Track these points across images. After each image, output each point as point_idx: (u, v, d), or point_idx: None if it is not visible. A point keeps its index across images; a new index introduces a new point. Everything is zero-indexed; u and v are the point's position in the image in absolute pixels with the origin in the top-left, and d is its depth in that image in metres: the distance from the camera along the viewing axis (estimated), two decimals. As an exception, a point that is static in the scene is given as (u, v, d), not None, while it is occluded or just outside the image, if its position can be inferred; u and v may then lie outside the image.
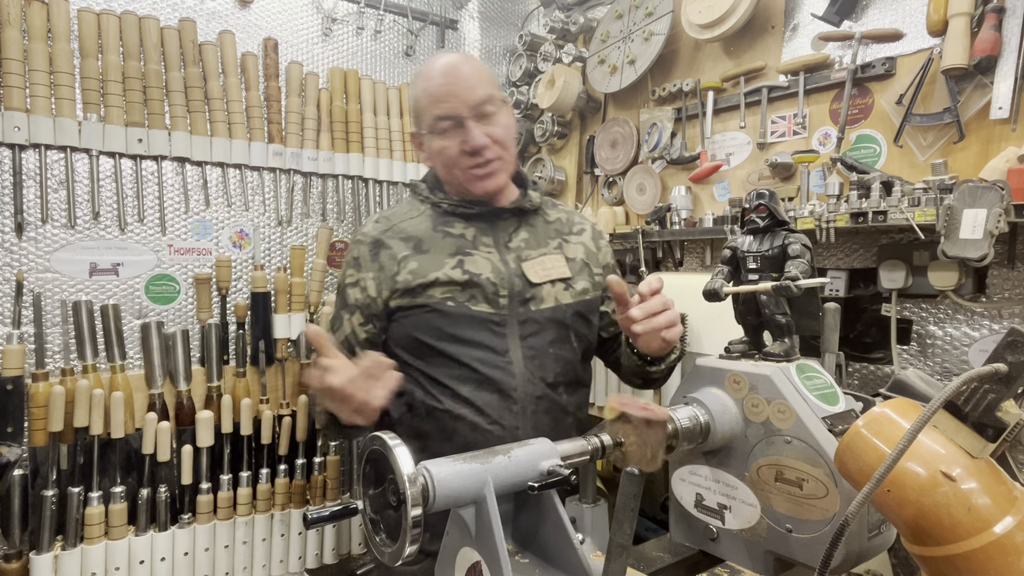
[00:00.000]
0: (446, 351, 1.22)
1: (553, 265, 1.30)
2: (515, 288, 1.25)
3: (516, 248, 1.30)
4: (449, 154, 1.23)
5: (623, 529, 0.70)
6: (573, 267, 1.33)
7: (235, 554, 1.92)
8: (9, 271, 1.68)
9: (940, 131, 1.52)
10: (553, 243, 1.34)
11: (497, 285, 1.23)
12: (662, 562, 1.06)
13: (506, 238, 1.30)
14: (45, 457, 1.66)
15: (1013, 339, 0.59)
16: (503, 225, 1.32)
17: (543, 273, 1.28)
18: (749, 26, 1.89)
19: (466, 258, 1.25)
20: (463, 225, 1.29)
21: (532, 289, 1.26)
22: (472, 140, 1.20)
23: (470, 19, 2.58)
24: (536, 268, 1.28)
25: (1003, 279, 1.44)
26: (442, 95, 1.20)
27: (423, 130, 1.27)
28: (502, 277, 1.24)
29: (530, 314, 1.25)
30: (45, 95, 1.68)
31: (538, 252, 1.31)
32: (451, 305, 1.22)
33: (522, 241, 1.31)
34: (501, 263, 1.26)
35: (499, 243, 1.29)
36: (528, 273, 1.26)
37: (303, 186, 2.13)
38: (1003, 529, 0.57)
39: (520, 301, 1.25)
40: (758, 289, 1.02)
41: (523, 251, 1.30)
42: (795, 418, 0.91)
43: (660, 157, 2.14)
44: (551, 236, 1.36)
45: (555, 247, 1.34)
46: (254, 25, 2.05)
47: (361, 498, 0.78)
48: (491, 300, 1.23)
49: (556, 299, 1.28)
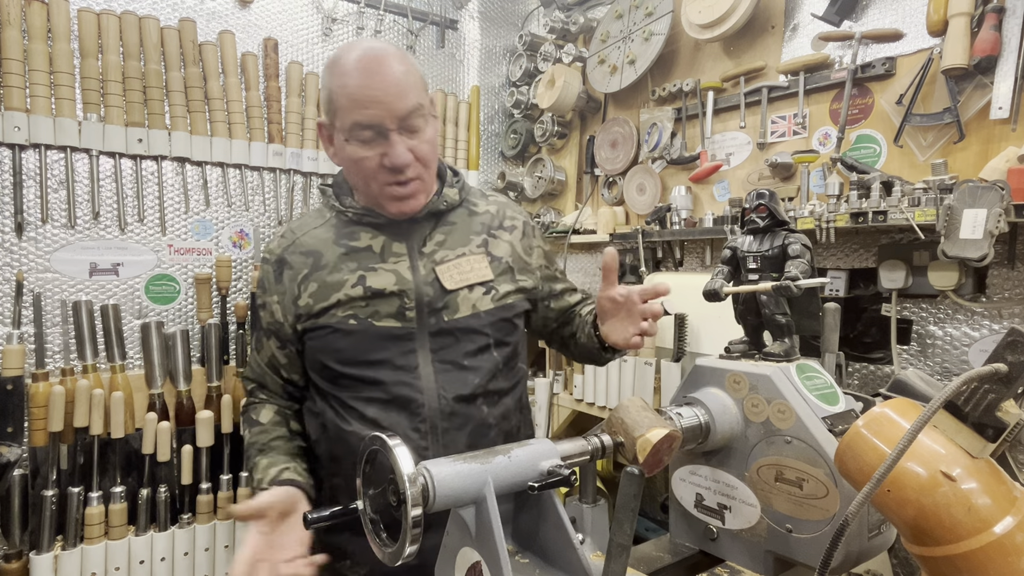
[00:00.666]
0: (351, 373, 1.14)
1: (472, 268, 1.18)
2: (425, 298, 1.14)
3: (430, 252, 1.18)
4: (367, 166, 1.10)
5: (623, 529, 0.70)
6: (496, 267, 1.21)
7: (235, 554, 1.92)
8: (9, 271, 1.68)
9: (940, 131, 1.52)
10: (476, 240, 1.22)
11: (402, 297, 1.13)
12: (662, 562, 1.06)
13: (420, 242, 1.18)
14: (45, 457, 1.66)
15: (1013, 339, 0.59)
16: (417, 229, 1.19)
17: (459, 277, 1.17)
18: (749, 26, 1.89)
19: (368, 273, 1.14)
20: (370, 235, 1.18)
21: (446, 297, 1.15)
22: (394, 158, 1.07)
23: (470, 19, 2.58)
24: (452, 272, 1.16)
25: (1003, 279, 1.44)
26: (365, 99, 1.05)
27: (337, 131, 1.12)
28: (409, 287, 1.14)
29: (442, 325, 1.14)
30: (45, 95, 1.68)
31: (456, 253, 1.19)
32: (353, 323, 1.12)
33: (437, 244, 1.19)
34: (409, 271, 1.15)
35: (412, 249, 1.18)
36: (443, 278, 1.15)
37: (303, 186, 2.13)
38: (1003, 529, 0.57)
39: (431, 311, 1.14)
40: (758, 289, 1.02)
41: (438, 253, 1.18)
42: (795, 418, 0.91)
43: (660, 157, 2.14)
44: (475, 231, 1.23)
45: (478, 244, 1.21)
46: (254, 25, 2.05)
47: (360, 498, 0.78)
48: (397, 314, 1.13)
49: (473, 306, 1.17)
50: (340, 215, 1.20)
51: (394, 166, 1.08)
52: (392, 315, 1.13)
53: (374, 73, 1.05)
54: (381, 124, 1.07)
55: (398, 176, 1.10)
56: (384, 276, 1.14)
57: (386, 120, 1.06)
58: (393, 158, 1.08)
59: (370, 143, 1.09)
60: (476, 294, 1.17)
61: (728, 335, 1.11)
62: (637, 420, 0.90)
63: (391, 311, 1.13)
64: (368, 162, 1.09)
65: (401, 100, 1.06)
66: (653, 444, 0.85)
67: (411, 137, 1.10)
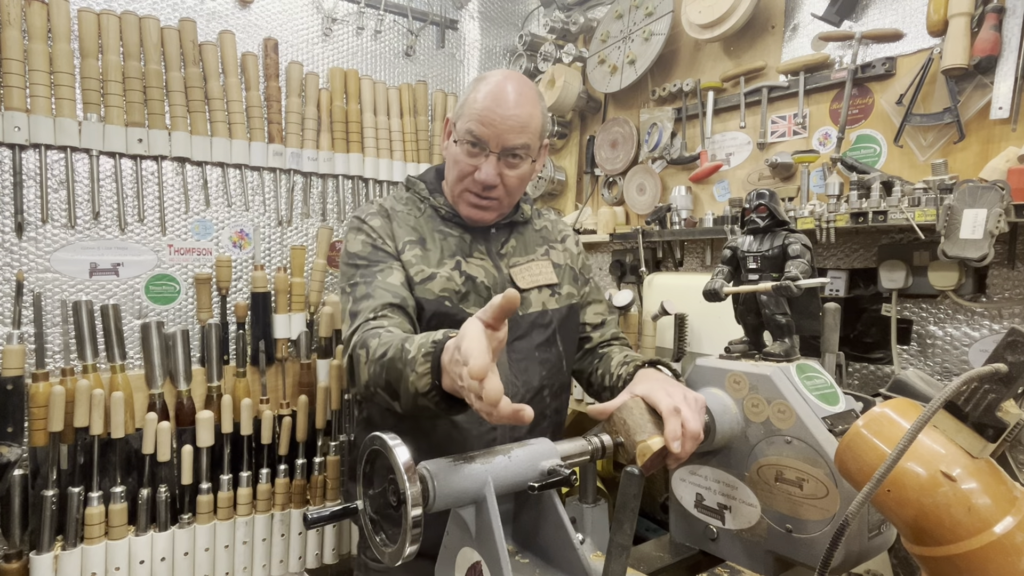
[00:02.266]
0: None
1: (540, 271, 1.33)
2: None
3: (506, 255, 1.33)
4: (463, 170, 1.24)
5: (623, 529, 0.70)
6: (559, 273, 1.36)
7: (235, 554, 1.92)
8: (9, 271, 1.68)
9: (940, 131, 1.52)
10: (540, 250, 1.38)
11: (491, 289, 1.25)
12: (662, 562, 1.06)
13: (497, 247, 1.33)
14: (45, 457, 1.66)
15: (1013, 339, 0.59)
16: (495, 236, 1.34)
17: (530, 279, 1.31)
18: (749, 26, 1.89)
19: (464, 261, 1.27)
20: (459, 232, 1.31)
21: (520, 294, 1.26)
22: (483, 175, 1.21)
23: (470, 19, 2.58)
24: (524, 274, 1.31)
25: (1003, 279, 1.44)
26: (486, 119, 1.19)
27: (455, 130, 1.26)
28: (495, 282, 1.27)
29: (517, 318, 1.26)
30: (45, 95, 1.68)
31: (526, 259, 1.34)
32: (448, 305, 1.22)
33: (511, 248, 1.34)
34: (494, 268, 1.29)
35: (491, 251, 1.32)
36: (516, 279, 1.29)
37: (303, 186, 2.13)
38: (1003, 529, 0.57)
39: None
40: (758, 289, 1.02)
41: (512, 258, 1.33)
42: (795, 418, 0.91)
43: (660, 157, 2.14)
44: (538, 243, 1.39)
45: (542, 254, 1.37)
46: (254, 25, 2.05)
47: (360, 498, 0.78)
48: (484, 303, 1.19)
49: (543, 304, 1.30)
50: (434, 210, 1.32)
51: (480, 180, 1.22)
52: (480, 304, 1.23)
53: (505, 103, 1.19)
54: (487, 144, 1.21)
55: (479, 190, 1.24)
56: (475, 268, 1.27)
57: (492, 143, 1.20)
58: (482, 175, 1.21)
59: (473, 154, 1.22)
60: (544, 294, 1.31)
61: (728, 335, 1.12)
62: (639, 423, 0.90)
63: (479, 300, 1.24)
64: (465, 167, 1.23)
65: (513, 135, 1.20)
66: (653, 451, 0.85)
67: (507, 166, 1.23)
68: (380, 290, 1.17)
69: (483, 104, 1.19)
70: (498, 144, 1.20)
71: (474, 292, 1.25)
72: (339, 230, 2.21)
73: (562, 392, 1.36)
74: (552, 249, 1.40)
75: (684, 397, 0.93)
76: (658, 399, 0.93)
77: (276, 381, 2.05)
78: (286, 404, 2.05)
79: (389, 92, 2.28)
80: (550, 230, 1.45)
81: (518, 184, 1.27)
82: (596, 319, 1.44)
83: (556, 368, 1.31)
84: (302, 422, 2.03)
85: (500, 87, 1.20)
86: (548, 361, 1.29)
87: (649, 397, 0.95)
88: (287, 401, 2.05)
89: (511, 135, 1.20)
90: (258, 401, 2.00)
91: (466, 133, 1.21)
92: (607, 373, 1.30)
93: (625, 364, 1.25)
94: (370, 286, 1.18)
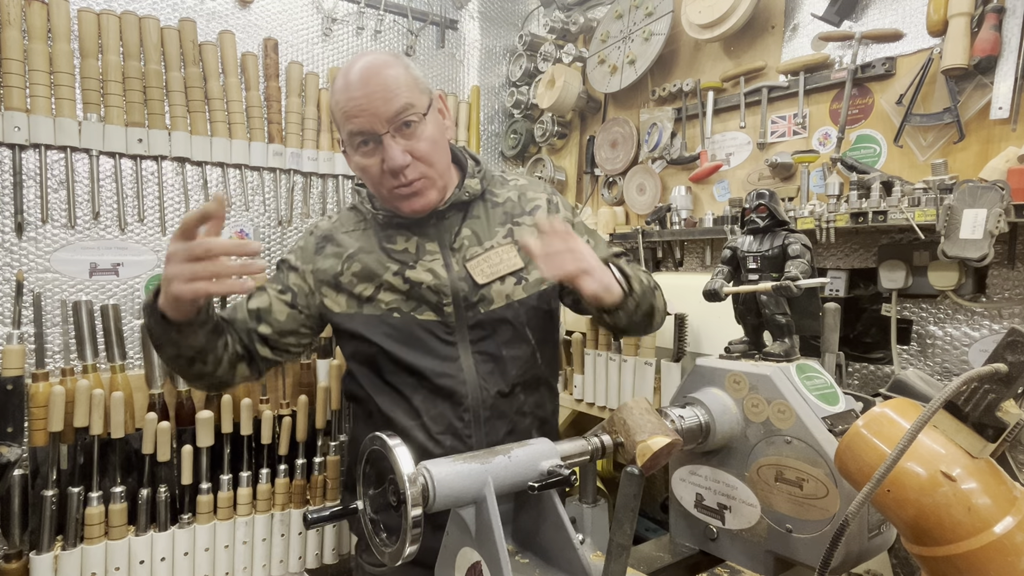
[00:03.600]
0: (396, 362, 1.18)
1: (501, 259, 1.21)
2: (460, 293, 1.18)
3: (460, 247, 1.22)
4: (372, 173, 1.14)
5: (623, 529, 0.70)
6: (525, 255, 1.21)
7: (235, 554, 1.92)
8: (9, 271, 1.68)
9: (940, 131, 1.52)
10: (502, 231, 1.25)
11: (439, 293, 1.18)
12: (662, 562, 1.06)
13: (450, 238, 1.22)
14: (45, 457, 1.66)
15: (1013, 339, 0.59)
16: (446, 224, 1.23)
17: (489, 271, 1.20)
18: (749, 26, 1.89)
19: (407, 270, 1.19)
20: (404, 238, 1.22)
21: (479, 291, 1.19)
22: (390, 161, 1.10)
23: (470, 19, 2.58)
24: (482, 267, 1.20)
25: (1003, 279, 1.44)
26: (354, 109, 1.08)
27: (345, 144, 1.17)
28: (444, 284, 1.18)
29: (479, 317, 1.19)
30: (45, 95, 1.68)
31: (483, 248, 1.22)
32: (396, 316, 1.18)
33: (465, 239, 1.22)
34: (444, 268, 1.19)
35: (444, 245, 1.22)
36: (473, 273, 1.19)
37: (303, 186, 2.13)
38: (1003, 529, 0.57)
39: (467, 306, 1.19)
40: (758, 289, 1.02)
41: (468, 249, 1.21)
42: (795, 418, 0.91)
43: (660, 157, 2.14)
44: (499, 221, 1.26)
45: (504, 236, 1.24)
46: (254, 25, 2.05)
47: (360, 498, 0.78)
48: (435, 308, 1.18)
49: (507, 297, 1.20)
50: (375, 218, 1.25)
51: (391, 169, 1.11)
52: (431, 309, 1.18)
53: (360, 83, 1.09)
54: (372, 130, 1.10)
55: (400, 178, 1.13)
56: (423, 272, 1.19)
57: (376, 125, 1.09)
58: (389, 161, 1.10)
59: (370, 151, 1.12)
60: (508, 285, 1.21)
61: (728, 335, 1.12)
62: (639, 423, 0.90)
63: (430, 306, 1.18)
64: (371, 169, 1.14)
65: (387, 103, 1.08)
66: (653, 451, 0.85)
67: (407, 138, 1.12)
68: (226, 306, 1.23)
69: (344, 99, 1.10)
70: (381, 122, 1.09)
71: (421, 297, 1.18)
72: (339, 230, 2.21)
73: (538, 386, 1.29)
74: (517, 225, 1.26)
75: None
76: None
77: (276, 381, 2.05)
78: (286, 404, 2.04)
79: (389, 92, 2.28)
80: (515, 201, 1.29)
81: (431, 148, 1.14)
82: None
83: (529, 363, 1.24)
84: (302, 422, 2.03)
85: (354, 77, 1.10)
86: (519, 359, 1.22)
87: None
88: (287, 401, 2.05)
89: (386, 105, 1.08)
90: (258, 401, 2.00)
91: (349, 136, 1.12)
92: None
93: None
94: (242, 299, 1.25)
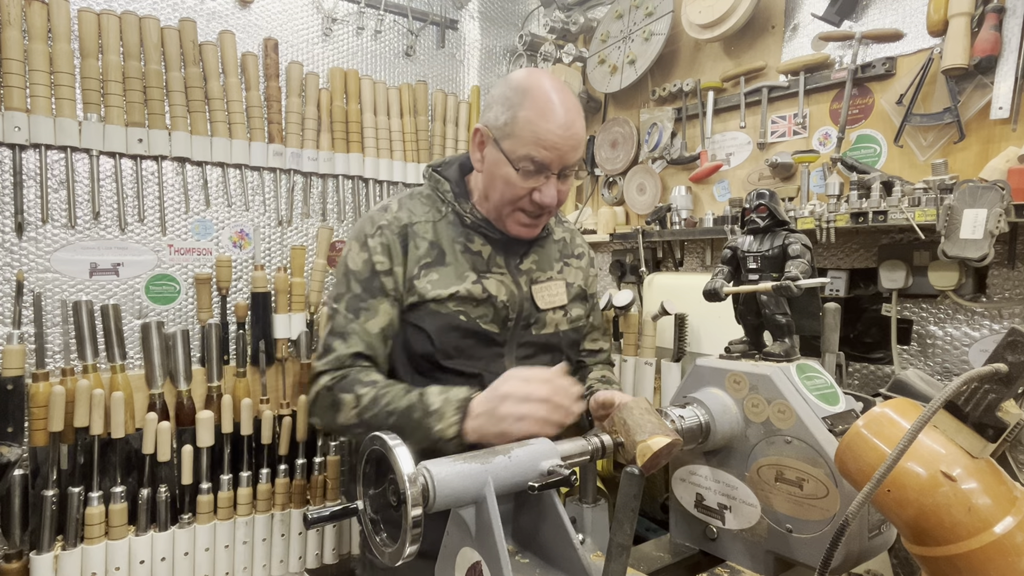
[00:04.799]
0: (450, 365, 1.21)
1: (557, 292, 1.32)
2: (523, 312, 1.26)
3: (527, 271, 1.29)
4: (515, 192, 1.17)
5: (623, 529, 0.70)
6: (570, 293, 1.34)
7: (235, 554, 1.92)
8: (9, 271, 1.68)
9: (940, 131, 1.52)
10: (557, 267, 1.35)
11: (508, 308, 1.23)
12: (662, 562, 1.06)
13: (517, 260, 1.29)
14: (45, 457, 1.66)
15: (1013, 339, 0.59)
16: (515, 247, 1.29)
17: (549, 299, 1.29)
18: (749, 26, 1.89)
19: (484, 277, 1.23)
20: (482, 242, 1.26)
21: (538, 314, 1.28)
22: (545, 198, 1.17)
23: (470, 19, 2.58)
24: (544, 294, 1.29)
25: (1003, 279, 1.44)
26: (549, 143, 1.12)
27: (502, 150, 1.16)
28: (514, 300, 1.24)
29: (529, 337, 1.27)
30: (45, 95, 1.68)
31: (546, 276, 1.31)
32: (463, 319, 1.20)
33: (532, 263, 1.31)
34: (514, 285, 1.26)
35: (510, 265, 1.28)
36: (537, 298, 1.27)
37: (303, 186, 2.13)
38: (1003, 529, 0.57)
39: (524, 325, 1.26)
40: (758, 289, 1.02)
41: (533, 273, 1.30)
42: (795, 418, 0.91)
43: (660, 157, 2.14)
44: (556, 258, 1.36)
45: (558, 271, 1.35)
46: (254, 25, 2.05)
47: (360, 498, 0.78)
48: (499, 320, 1.23)
49: (556, 326, 1.30)
50: (458, 216, 1.26)
51: (542, 205, 1.18)
52: (495, 320, 1.22)
53: (566, 124, 1.13)
54: (549, 167, 1.15)
55: (536, 212, 1.20)
56: (496, 284, 1.23)
57: (554, 166, 1.15)
58: (544, 198, 1.17)
59: (530, 176, 1.16)
60: (558, 315, 1.31)
61: (728, 335, 1.11)
62: (640, 423, 0.90)
63: (495, 316, 1.22)
64: (519, 191, 1.17)
65: (574, 153, 1.17)
66: (654, 451, 0.85)
67: (562, 183, 1.20)
68: (356, 337, 1.17)
69: (542, 127, 1.12)
70: (560, 165, 1.15)
71: (492, 308, 1.22)
72: (339, 230, 2.21)
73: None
74: (567, 266, 1.37)
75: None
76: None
77: (276, 381, 2.05)
78: (286, 404, 2.04)
79: (389, 92, 2.28)
80: (567, 243, 1.41)
81: (566, 197, 1.25)
82: (594, 346, 1.46)
83: None
84: (302, 422, 2.03)
85: (553, 104, 1.12)
86: None
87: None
88: (287, 401, 2.05)
89: (572, 154, 1.16)
90: (258, 401, 2.00)
91: (526, 160, 1.14)
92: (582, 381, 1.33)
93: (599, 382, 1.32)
94: (349, 324, 1.18)
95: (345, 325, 1.18)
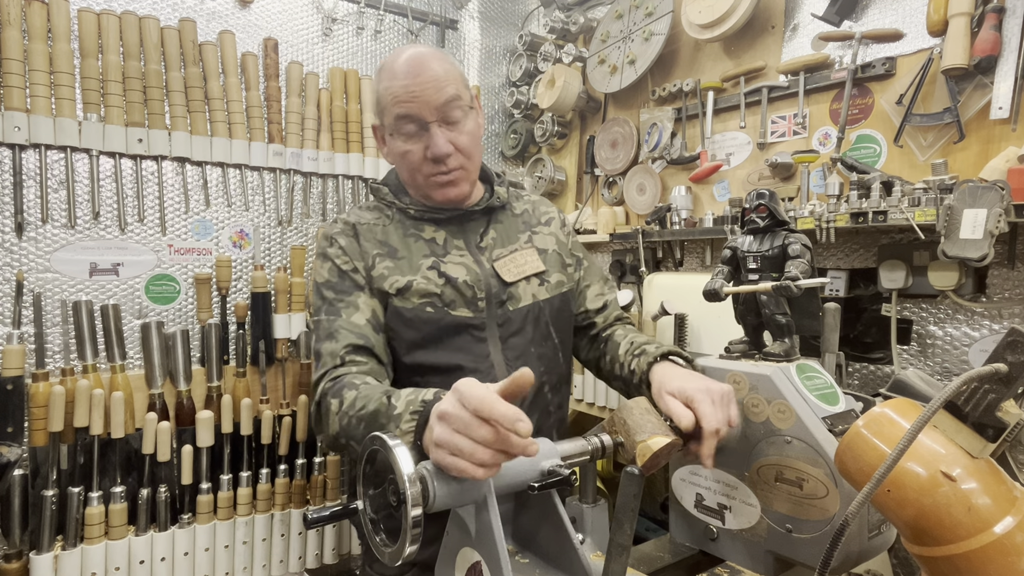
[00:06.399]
0: (428, 362, 1.18)
1: (526, 261, 1.26)
2: (492, 290, 1.21)
3: (487, 247, 1.26)
4: (412, 159, 1.18)
5: (623, 529, 0.70)
6: (546, 259, 1.29)
7: (235, 554, 1.92)
8: (9, 271, 1.68)
9: (940, 131, 1.52)
10: (523, 237, 1.30)
11: (474, 288, 1.19)
12: (662, 562, 1.06)
13: (476, 239, 1.26)
14: (45, 457, 1.66)
15: (1013, 339, 0.59)
16: (472, 226, 1.27)
17: (516, 271, 1.24)
18: (749, 26, 1.89)
19: (441, 261, 1.20)
20: (433, 229, 1.25)
21: (507, 289, 1.22)
22: (435, 148, 1.15)
23: (470, 19, 2.58)
24: (509, 266, 1.24)
25: (1003, 279, 1.44)
26: (405, 95, 1.13)
27: (385, 128, 1.21)
28: (478, 279, 1.20)
29: (508, 315, 1.21)
30: (45, 95, 1.68)
31: (509, 249, 1.26)
32: (430, 311, 1.17)
33: (492, 240, 1.27)
34: (475, 264, 1.22)
35: (470, 244, 1.25)
36: (501, 272, 1.22)
37: (303, 186, 2.13)
38: (1003, 529, 0.57)
39: (497, 303, 1.21)
40: (758, 289, 1.02)
41: (494, 250, 1.25)
42: (795, 418, 0.91)
43: (660, 157, 2.14)
44: (520, 230, 1.32)
45: (525, 241, 1.30)
46: (254, 25, 2.05)
47: (361, 498, 0.78)
48: (470, 303, 1.19)
49: (533, 296, 1.24)
50: (402, 212, 1.26)
51: (436, 156, 1.15)
52: (465, 305, 1.19)
53: (413, 71, 1.13)
54: (421, 116, 1.14)
55: (440, 167, 1.18)
56: (455, 267, 1.20)
57: (425, 112, 1.14)
58: (434, 148, 1.15)
59: (413, 136, 1.16)
60: (532, 285, 1.25)
61: (728, 335, 1.12)
62: (640, 423, 0.90)
63: (464, 301, 1.19)
64: (413, 155, 1.17)
65: (438, 93, 1.13)
66: (653, 451, 0.85)
67: (451, 129, 1.17)
68: (344, 331, 1.13)
69: (397, 85, 1.13)
70: (431, 110, 1.13)
71: (457, 293, 1.18)
72: (339, 230, 2.21)
73: (562, 386, 1.31)
74: (535, 234, 1.32)
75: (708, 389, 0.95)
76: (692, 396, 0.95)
77: (276, 381, 2.05)
78: (286, 404, 2.05)
79: (389, 92, 2.28)
80: (531, 213, 1.37)
81: (471, 142, 1.20)
82: (597, 302, 1.38)
83: (553, 361, 1.27)
84: (302, 422, 2.03)
85: (406, 63, 1.14)
86: (545, 356, 1.25)
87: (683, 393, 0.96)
88: (287, 401, 2.05)
89: (437, 94, 1.13)
90: (258, 401, 2.00)
91: (396, 120, 1.15)
92: (615, 360, 1.25)
93: (635, 355, 1.19)
94: (333, 324, 1.14)
95: (330, 326, 1.15)
